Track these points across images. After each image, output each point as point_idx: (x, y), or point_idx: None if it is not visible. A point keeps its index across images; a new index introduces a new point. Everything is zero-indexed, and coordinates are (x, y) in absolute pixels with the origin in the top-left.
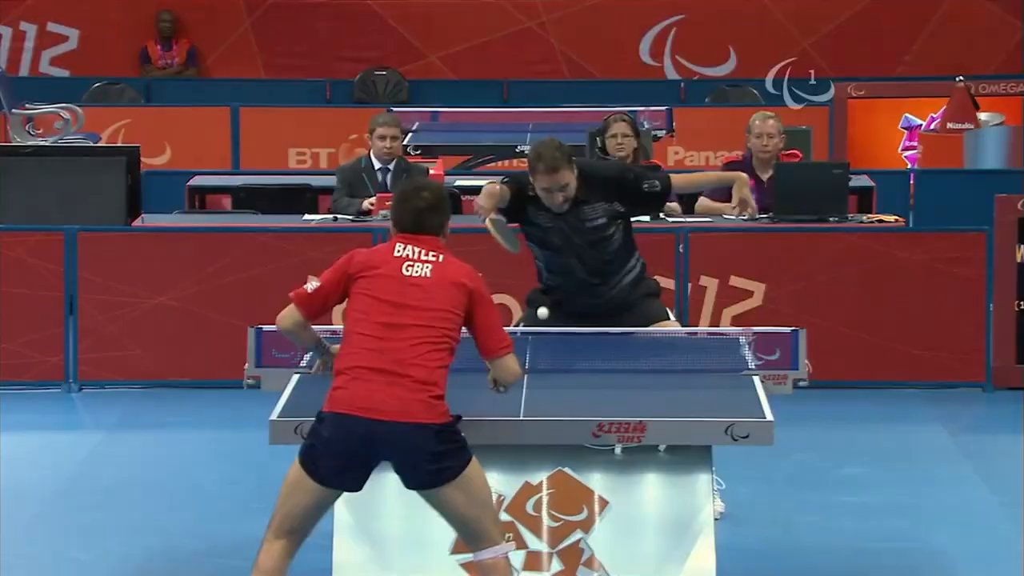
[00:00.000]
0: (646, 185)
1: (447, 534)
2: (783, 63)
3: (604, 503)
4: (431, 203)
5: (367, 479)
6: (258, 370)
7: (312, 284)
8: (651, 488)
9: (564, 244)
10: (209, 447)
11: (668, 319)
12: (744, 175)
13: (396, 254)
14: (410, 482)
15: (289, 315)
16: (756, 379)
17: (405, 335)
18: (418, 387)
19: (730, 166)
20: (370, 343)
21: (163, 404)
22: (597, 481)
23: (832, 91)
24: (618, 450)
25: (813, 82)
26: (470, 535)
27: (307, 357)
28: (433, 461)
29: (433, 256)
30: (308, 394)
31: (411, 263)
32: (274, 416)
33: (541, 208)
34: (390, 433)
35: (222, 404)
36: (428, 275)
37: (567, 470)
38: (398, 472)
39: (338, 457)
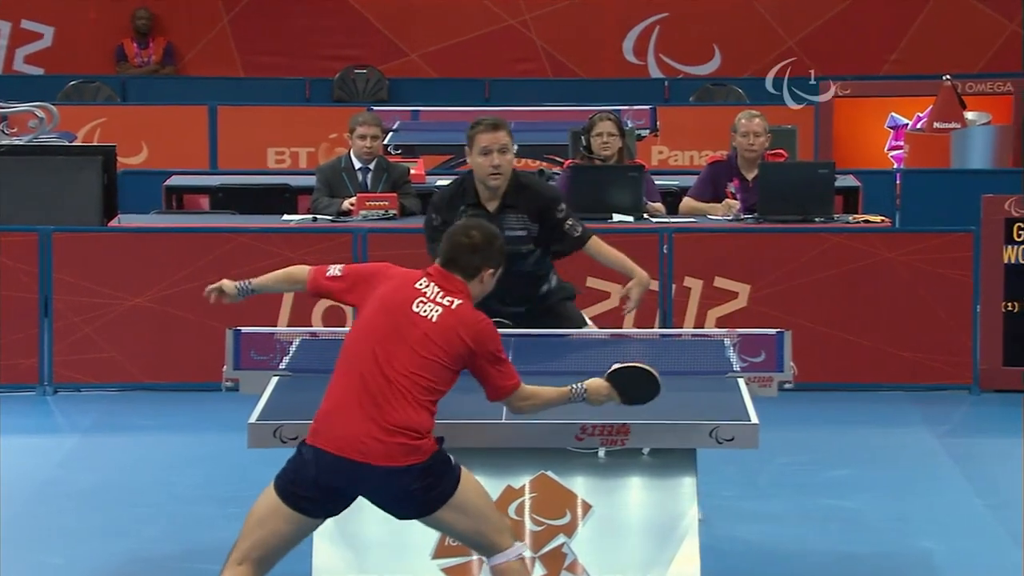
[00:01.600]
0: (569, 224)
1: (428, 538)
2: (783, 63)
3: (587, 507)
4: (475, 244)
5: (342, 511)
6: (236, 372)
7: (333, 270)
8: (635, 492)
9: None
10: (186, 451)
11: (587, 325)
12: (646, 277)
13: (416, 286)
14: (401, 515)
15: (299, 276)
16: (741, 381)
17: (392, 373)
18: (400, 430)
19: (715, 166)
20: (359, 375)
21: (139, 407)
22: (580, 485)
23: (832, 91)
24: (601, 453)
25: (813, 81)
26: (478, 547)
27: (285, 359)
28: (422, 494)
29: (448, 301)
30: (287, 397)
31: (424, 301)
32: (253, 419)
33: (464, 215)
34: (373, 476)
35: (200, 407)
36: (434, 320)
37: (550, 474)
38: (385, 510)
39: (321, 491)
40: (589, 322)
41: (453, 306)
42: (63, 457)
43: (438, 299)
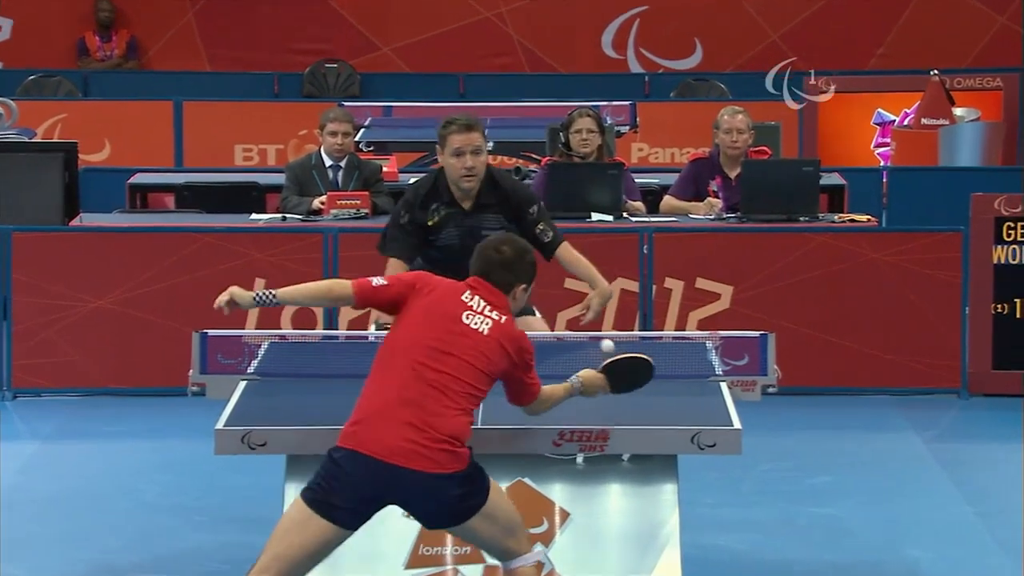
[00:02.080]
0: (540, 227)
1: (402, 547)
2: (784, 62)
3: (565, 515)
4: (507, 259)
5: (368, 519)
6: (203, 377)
7: (378, 280)
8: (614, 499)
9: (456, 254)
10: (151, 458)
11: (534, 315)
12: (608, 289)
13: (463, 298)
14: (434, 524)
15: (342, 292)
16: (723, 385)
17: (441, 382)
18: (445, 436)
19: (697, 163)
20: (403, 381)
21: (102, 413)
22: (558, 492)
23: (831, 89)
24: (580, 460)
25: (813, 81)
26: (499, 554)
27: (254, 363)
28: (459, 501)
29: (496, 315)
30: (256, 402)
31: (472, 313)
32: (220, 425)
33: (441, 220)
34: (416, 482)
35: (165, 413)
36: (485, 333)
37: (527, 480)
38: (420, 519)
39: (357, 499)
40: (537, 312)
41: (502, 320)
42: (23, 464)
43: (486, 312)
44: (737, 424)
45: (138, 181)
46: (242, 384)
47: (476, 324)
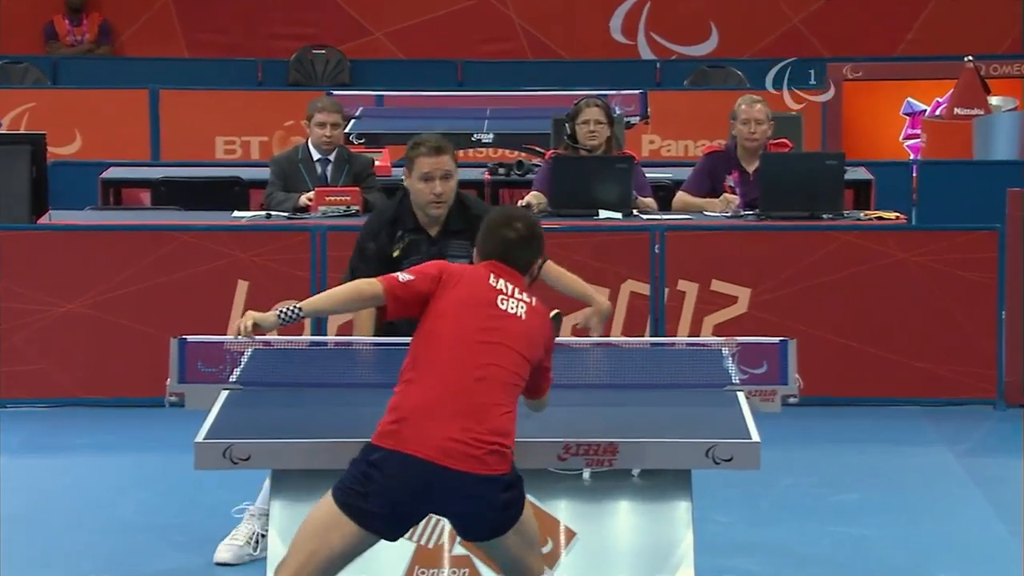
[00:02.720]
0: None
1: (399, 562)
2: (784, 62)
3: (571, 534)
4: (523, 235)
5: (408, 530)
6: (182, 386)
7: (404, 276)
8: (624, 517)
9: None
10: (127, 473)
11: None
12: (607, 305)
13: (491, 283)
14: (471, 534)
15: (371, 292)
16: (741, 395)
17: (487, 375)
18: (494, 436)
19: (712, 157)
20: (448, 375)
21: (74, 425)
22: (563, 510)
23: (830, 91)
24: (586, 475)
25: (812, 82)
26: (517, 571)
27: (243, 359)
28: (500, 511)
29: (528, 298)
30: (239, 413)
31: (506, 298)
32: (200, 438)
33: (406, 247)
34: (461, 483)
35: (141, 425)
36: (523, 317)
37: (529, 497)
38: (457, 526)
39: (394, 501)
40: None
41: (533, 303)
42: None
43: (516, 295)
44: (756, 437)
45: (111, 176)
46: (224, 394)
47: (512, 308)
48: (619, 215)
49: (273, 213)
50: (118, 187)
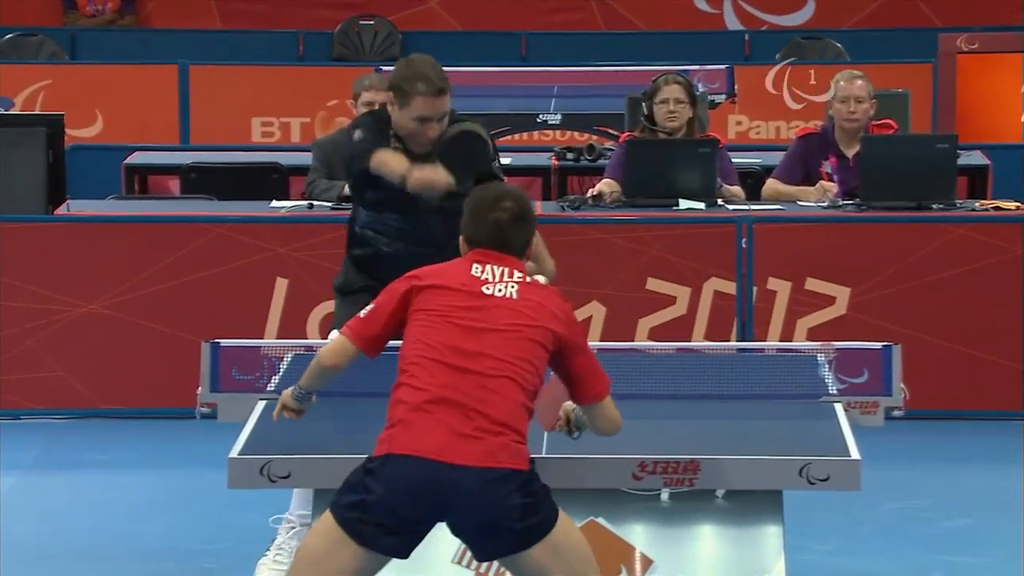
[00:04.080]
0: (497, 164)
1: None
2: (785, 62)
3: (647, 562)
4: (515, 215)
5: (418, 544)
6: (214, 395)
7: (364, 311)
8: (706, 543)
9: (410, 202)
10: (151, 493)
11: None
12: (551, 270)
13: (473, 273)
14: (489, 548)
15: (338, 347)
16: (838, 407)
17: (483, 366)
18: (500, 428)
19: (807, 140)
20: (440, 372)
21: (94, 438)
22: (639, 535)
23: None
24: (665, 496)
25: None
26: None
27: (278, 381)
28: (519, 518)
29: (519, 277)
30: (277, 426)
31: (491, 283)
32: (234, 453)
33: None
34: (466, 481)
35: (168, 438)
36: (514, 296)
37: (601, 521)
38: (471, 540)
39: (397, 513)
40: None
41: (527, 280)
42: None
43: (506, 278)
44: (855, 454)
45: (136, 161)
46: (261, 404)
47: (500, 291)
48: (702, 205)
49: (316, 203)
50: (143, 174)
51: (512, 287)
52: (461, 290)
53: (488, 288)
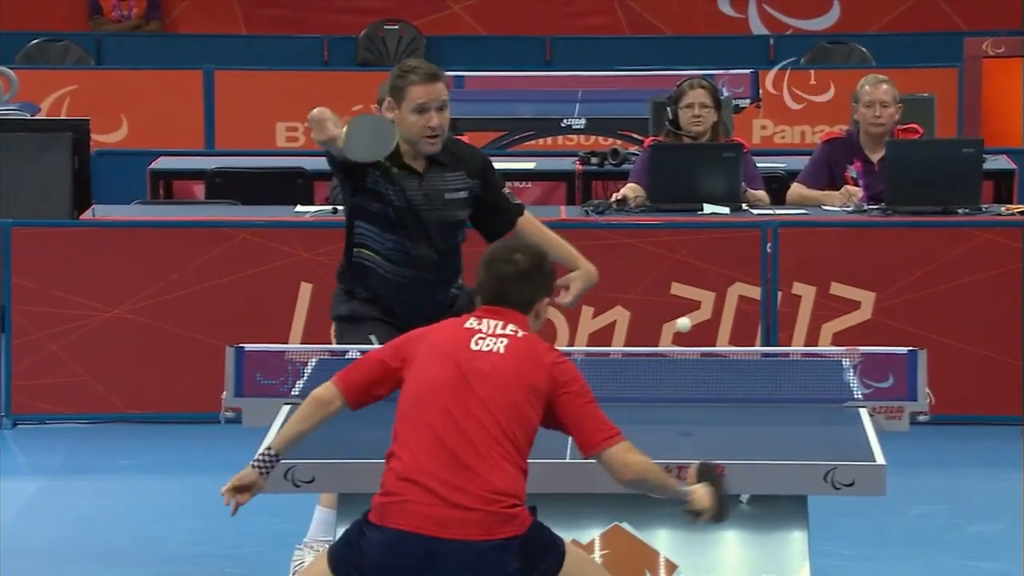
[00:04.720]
0: (506, 190)
1: None
2: (786, 61)
3: (672, 567)
4: (521, 270)
5: None
6: (238, 400)
7: (354, 362)
8: (731, 549)
9: (413, 222)
10: (177, 497)
11: None
12: (594, 272)
13: (467, 326)
14: None
15: (321, 395)
16: (863, 412)
17: (470, 427)
18: (493, 496)
19: (832, 144)
20: (425, 438)
21: (118, 443)
22: (663, 539)
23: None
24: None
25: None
26: None
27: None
28: None
29: (511, 330)
30: None
31: (483, 336)
32: None
33: (388, 177)
34: (459, 555)
35: (192, 443)
36: (502, 351)
37: (625, 526)
38: None
39: None
40: None
41: (519, 335)
42: (23, 506)
43: (498, 331)
44: (881, 459)
45: (161, 166)
46: (285, 409)
47: (489, 346)
48: (726, 210)
49: (340, 208)
50: (168, 179)
51: (501, 342)
52: (452, 346)
53: (477, 342)
